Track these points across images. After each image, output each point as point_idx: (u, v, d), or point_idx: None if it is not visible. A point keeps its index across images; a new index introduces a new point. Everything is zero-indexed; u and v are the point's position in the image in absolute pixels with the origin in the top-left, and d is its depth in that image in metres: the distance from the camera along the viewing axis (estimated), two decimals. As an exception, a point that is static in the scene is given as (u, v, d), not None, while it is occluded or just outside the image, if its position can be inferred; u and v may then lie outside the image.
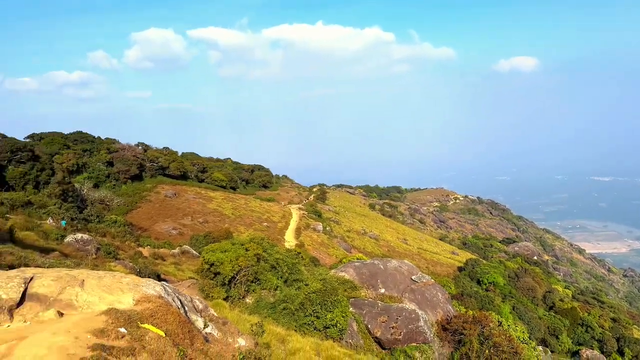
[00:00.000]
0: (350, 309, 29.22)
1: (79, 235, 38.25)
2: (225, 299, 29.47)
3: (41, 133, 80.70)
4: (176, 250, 57.84)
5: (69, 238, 37.44)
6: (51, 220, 43.70)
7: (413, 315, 28.04)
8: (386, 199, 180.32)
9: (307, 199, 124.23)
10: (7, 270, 13.03)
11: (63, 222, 43.84)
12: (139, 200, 79.08)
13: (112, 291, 9.51)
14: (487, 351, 26.75)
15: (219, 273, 32.09)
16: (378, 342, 28.16)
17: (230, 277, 31.85)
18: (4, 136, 61.01)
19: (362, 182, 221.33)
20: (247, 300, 31.38)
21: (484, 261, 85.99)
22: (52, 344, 7.00)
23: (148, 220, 75.32)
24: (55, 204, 51.77)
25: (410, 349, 27.38)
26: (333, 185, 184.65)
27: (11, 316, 8.85)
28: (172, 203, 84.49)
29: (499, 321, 35.87)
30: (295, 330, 24.10)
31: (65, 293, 9.23)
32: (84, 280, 9.68)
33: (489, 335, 27.94)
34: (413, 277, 33.29)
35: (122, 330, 7.85)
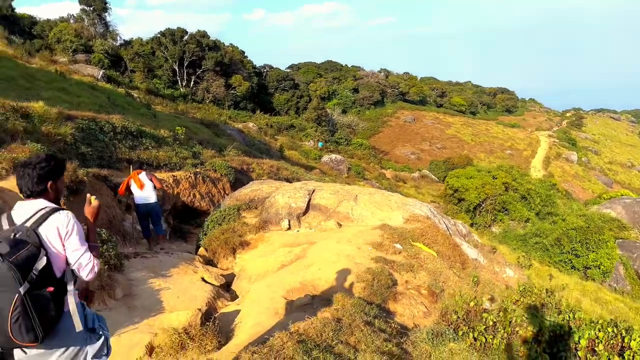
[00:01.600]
0: (617, 250, 25.41)
1: (333, 156, 42.11)
2: (470, 226, 28.92)
3: (298, 63, 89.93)
4: (416, 174, 59.18)
5: (325, 158, 41.56)
6: (311, 142, 49.14)
7: None
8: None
9: (559, 125, 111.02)
10: (283, 182, 14.89)
11: (320, 144, 48.80)
12: (380, 125, 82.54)
13: (381, 207, 9.80)
14: None
15: (463, 199, 31.49)
16: (652, 291, 24.03)
17: (475, 204, 30.95)
18: (271, 67, 69.96)
19: (631, 107, 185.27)
20: (493, 229, 30.20)
21: None
22: (340, 252, 7.51)
23: (388, 144, 78.40)
24: (312, 127, 57.96)
25: (698, 306, 22.57)
26: (591, 110, 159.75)
27: (299, 223, 9.94)
28: (411, 128, 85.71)
29: None
30: (548, 267, 22.27)
31: (342, 206, 9.88)
32: (357, 195, 10.20)
33: None
34: None
35: (398, 246, 7.97)
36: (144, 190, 9.54)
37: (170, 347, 5.15)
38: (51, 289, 2.46)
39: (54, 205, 2.74)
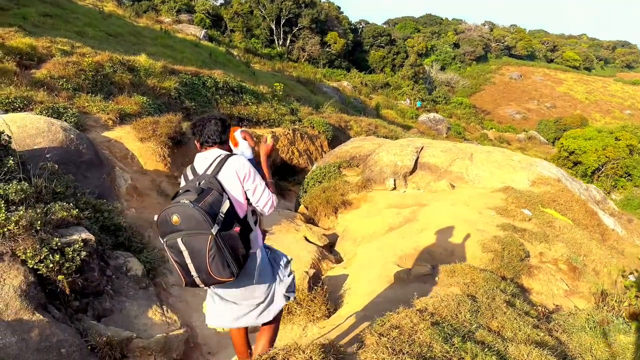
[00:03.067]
0: None
1: (431, 115, 40.13)
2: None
3: (395, 18, 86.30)
4: (521, 135, 54.98)
5: (423, 117, 39.71)
6: (408, 101, 47.21)
7: None
8: None
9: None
10: (385, 139, 14.01)
11: (419, 103, 46.75)
12: (482, 83, 77.39)
13: (502, 167, 8.66)
14: None
15: (579, 162, 28.55)
16: None
17: (594, 168, 27.95)
18: (367, 23, 67.77)
19: None
20: (613, 196, 27.16)
21: None
22: (457, 215, 6.63)
23: (491, 103, 73.44)
24: (408, 86, 55.64)
25: None
26: None
27: (405, 182, 9.12)
28: (517, 85, 79.45)
29: None
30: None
31: (454, 165, 8.88)
32: (472, 154, 9.11)
33: None
34: None
35: (527, 212, 6.90)
36: (238, 148, 9.10)
37: (275, 312, 4.72)
38: (237, 229, 2.61)
39: (227, 152, 2.92)
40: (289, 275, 3.05)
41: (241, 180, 2.78)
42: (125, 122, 8.59)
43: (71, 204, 4.58)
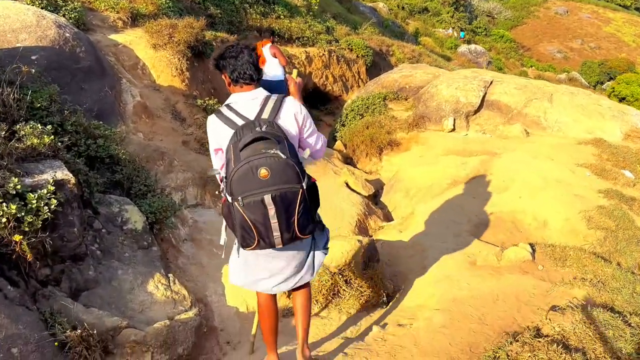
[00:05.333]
0: None
1: (472, 46, 37.23)
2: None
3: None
4: (562, 76, 51.47)
5: (462, 48, 36.84)
6: (451, 30, 43.86)
7: None
8: None
9: None
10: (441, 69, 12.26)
11: (462, 34, 43.43)
12: (525, 16, 71.97)
13: (588, 114, 7.10)
14: None
15: (631, 111, 26.32)
16: None
17: (646, 118, 25.74)
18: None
19: None
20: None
21: None
22: (543, 173, 5.23)
23: (532, 38, 68.64)
24: (447, 13, 51.63)
25: None
26: None
27: (467, 123, 7.64)
28: (562, 22, 73.77)
29: None
30: None
31: (530, 107, 7.33)
32: (552, 94, 7.52)
33: None
34: None
35: (628, 174, 5.49)
36: (266, 67, 7.48)
37: (317, 291, 3.55)
38: (314, 179, 2.27)
39: (276, 94, 2.44)
40: (323, 230, 2.63)
41: (299, 124, 2.38)
42: (138, 24, 7.12)
43: (51, 126, 3.31)
